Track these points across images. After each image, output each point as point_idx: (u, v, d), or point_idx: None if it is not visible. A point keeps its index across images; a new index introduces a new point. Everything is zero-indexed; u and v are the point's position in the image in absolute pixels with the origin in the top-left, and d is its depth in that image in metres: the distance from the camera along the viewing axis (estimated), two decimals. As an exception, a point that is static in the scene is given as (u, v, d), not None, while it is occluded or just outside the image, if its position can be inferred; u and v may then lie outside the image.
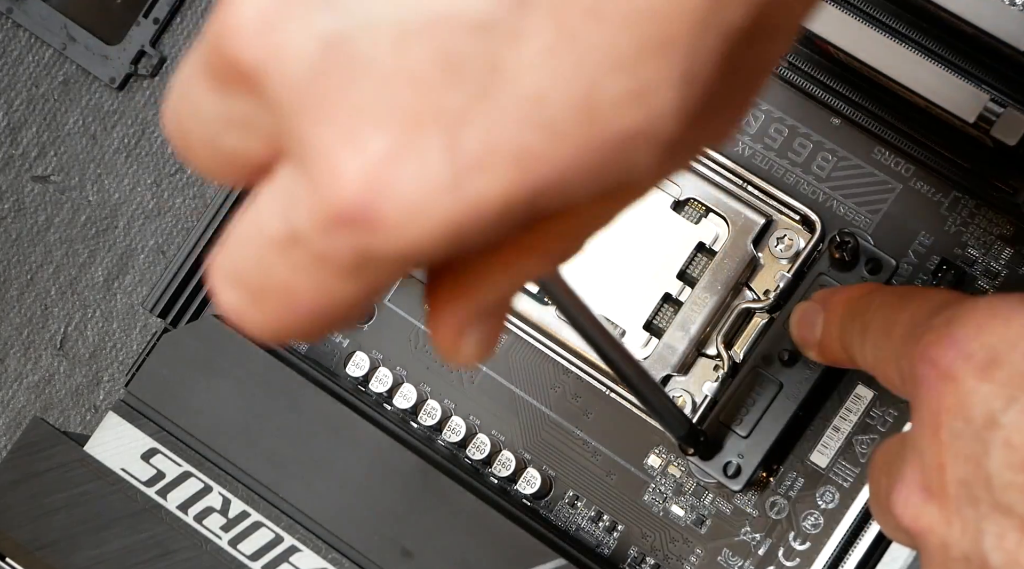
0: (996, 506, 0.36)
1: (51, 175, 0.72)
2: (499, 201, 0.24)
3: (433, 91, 0.24)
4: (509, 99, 0.24)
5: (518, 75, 0.24)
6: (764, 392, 0.50)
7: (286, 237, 0.26)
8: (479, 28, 0.24)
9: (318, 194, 0.25)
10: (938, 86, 0.48)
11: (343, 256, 0.25)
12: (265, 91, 0.25)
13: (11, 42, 0.73)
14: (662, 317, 0.52)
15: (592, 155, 0.24)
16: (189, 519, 0.52)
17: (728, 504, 0.51)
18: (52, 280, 0.71)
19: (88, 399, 0.70)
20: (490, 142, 0.24)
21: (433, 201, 0.24)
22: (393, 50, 0.24)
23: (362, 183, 0.24)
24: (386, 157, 0.24)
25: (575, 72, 0.24)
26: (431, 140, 0.24)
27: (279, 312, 0.27)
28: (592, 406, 0.53)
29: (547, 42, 0.24)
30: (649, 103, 0.24)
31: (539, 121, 0.24)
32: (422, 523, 0.51)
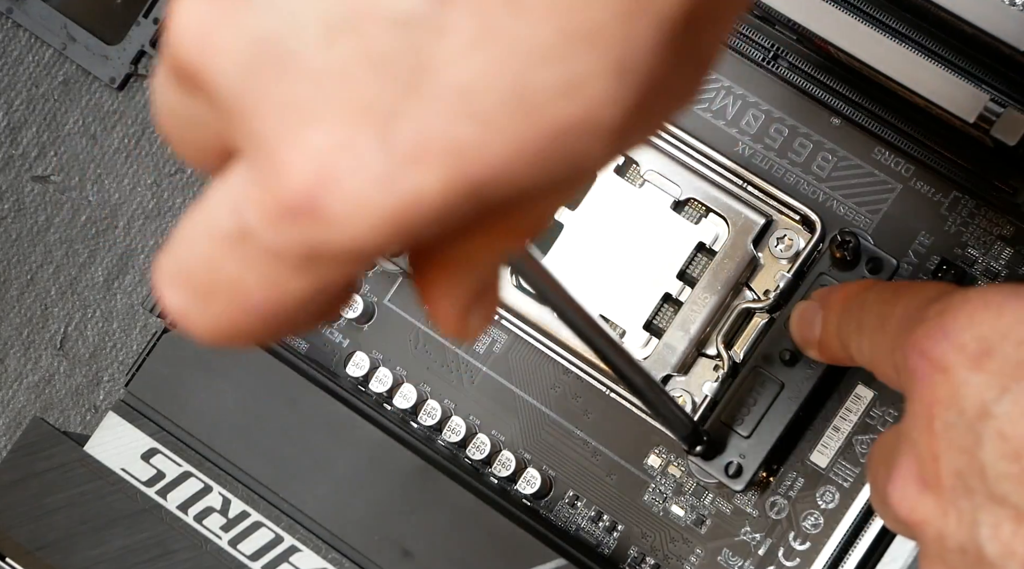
0: (990, 496, 0.36)
1: (51, 175, 0.72)
2: (439, 195, 0.24)
3: (362, 86, 0.24)
4: (437, 92, 0.24)
5: (444, 69, 0.24)
6: (765, 392, 0.50)
7: (235, 232, 0.26)
8: (402, 23, 0.24)
9: (265, 188, 0.25)
10: (938, 86, 0.48)
11: (292, 249, 0.25)
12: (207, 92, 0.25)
13: (11, 42, 0.73)
14: (662, 317, 0.52)
15: (531, 147, 0.24)
16: (189, 519, 0.52)
17: (728, 504, 0.51)
18: (52, 280, 0.71)
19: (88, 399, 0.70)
20: (422, 136, 0.24)
21: (373, 195, 0.24)
22: (320, 48, 0.24)
23: (306, 176, 0.24)
24: (326, 152, 0.24)
25: (501, 65, 0.24)
26: (366, 135, 0.24)
27: (228, 311, 0.27)
28: (592, 406, 0.53)
29: (470, 35, 0.24)
30: (584, 94, 0.24)
31: (469, 114, 0.24)
32: (422, 523, 0.51)
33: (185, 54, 0.25)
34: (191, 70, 0.25)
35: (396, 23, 0.24)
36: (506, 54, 0.24)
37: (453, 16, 0.24)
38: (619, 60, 0.24)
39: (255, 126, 0.25)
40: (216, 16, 0.25)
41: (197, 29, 0.25)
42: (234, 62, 0.25)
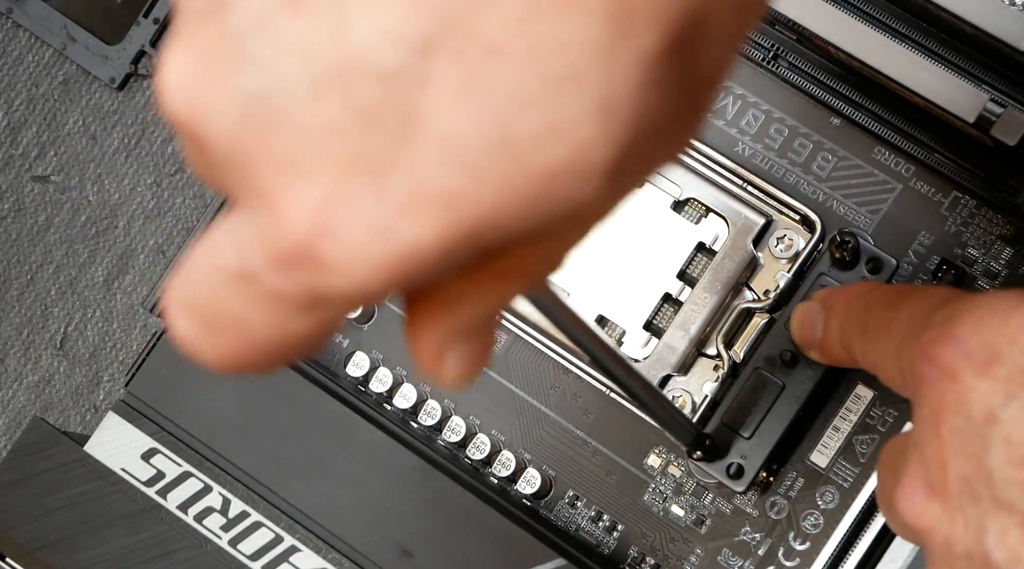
0: (997, 503, 0.36)
1: (51, 175, 0.72)
2: (434, 242, 0.25)
3: (353, 139, 0.24)
4: (425, 142, 0.24)
5: (431, 119, 0.24)
6: (766, 393, 0.50)
7: (239, 272, 0.26)
8: (386, 77, 0.24)
9: (265, 237, 0.25)
10: (938, 86, 0.48)
11: (294, 294, 0.26)
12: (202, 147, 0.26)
13: (11, 42, 0.73)
14: (662, 317, 0.52)
15: (521, 192, 0.25)
16: (189, 519, 0.52)
17: (728, 504, 0.51)
18: (52, 280, 0.71)
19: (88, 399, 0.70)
20: (414, 185, 0.24)
21: (370, 244, 0.25)
22: (308, 104, 0.24)
23: (303, 228, 0.25)
24: (322, 203, 0.25)
25: (485, 112, 0.24)
26: (360, 186, 0.25)
27: (233, 344, 0.27)
28: (592, 406, 0.53)
29: (454, 85, 0.24)
30: (569, 137, 0.24)
31: (458, 162, 0.24)
32: (422, 523, 0.51)
33: (176, 112, 0.26)
34: (184, 127, 0.26)
35: (381, 77, 0.24)
36: (489, 102, 0.24)
37: (436, 67, 0.24)
38: (603, 100, 0.24)
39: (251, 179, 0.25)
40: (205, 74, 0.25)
41: (187, 87, 0.25)
42: (225, 119, 0.25)
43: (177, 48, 0.26)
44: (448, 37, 0.24)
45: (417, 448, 0.52)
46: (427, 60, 0.24)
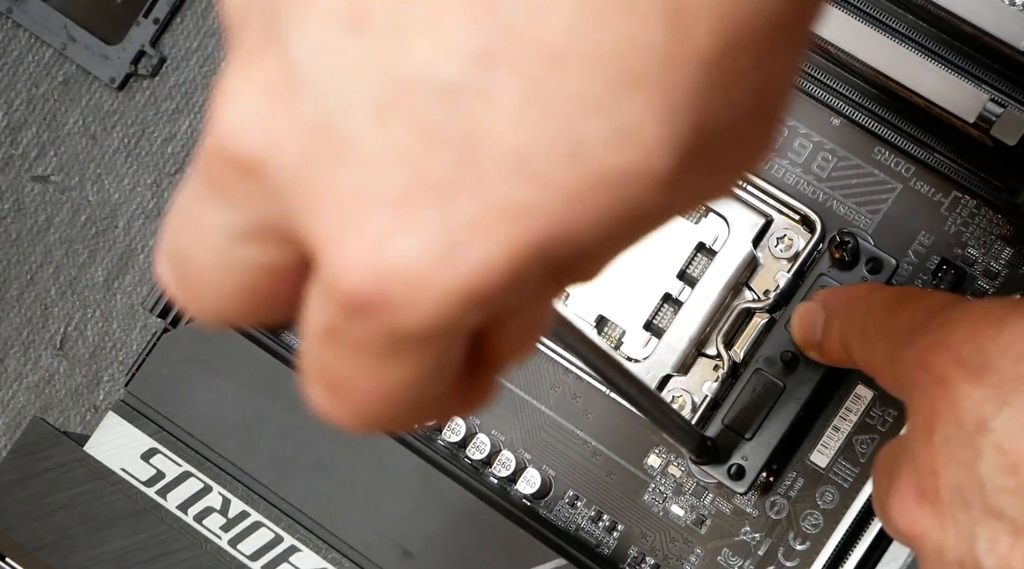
0: (988, 510, 0.36)
1: (51, 175, 0.72)
2: (504, 261, 0.24)
3: (418, 162, 0.24)
4: (492, 158, 0.24)
5: (496, 133, 0.24)
6: (766, 394, 0.50)
7: (326, 331, 0.26)
8: (448, 93, 0.24)
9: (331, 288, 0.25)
10: (938, 86, 0.48)
11: (373, 340, 0.25)
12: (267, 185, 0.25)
13: (11, 42, 0.73)
14: (662, 317, 0.52)
15: (589, 199, 0.24)
16: (189, 519, 0.52)
17: (728, 504, 0.51)
18: (52, 280, 0.71)
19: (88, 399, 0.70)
20: (483, 204, 0.24)
21: (435, 271, 0.24)
22: (373, 128, 0.24)
23: (365, 269, 0.24)
24: (383, 237, 0.24)
25: (551, 121, 0.24)
26: (425, 212, 0.24)
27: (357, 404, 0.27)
28: (592, 406, 0.53)
29: (517, 96, 0.24)
30: (636, 141, 0.24)
31: (527, 175, 0.24)
32: (422, 523, 0.51)
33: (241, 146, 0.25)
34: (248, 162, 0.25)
35: (443, 93, 0.24)
36: (554, 111, 0.24)
37: (497, 79, 0.24)
38: (666, 104, 0.24)
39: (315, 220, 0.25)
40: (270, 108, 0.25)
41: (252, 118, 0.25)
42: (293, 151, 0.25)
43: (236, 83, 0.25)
44: (507, 47, 0.24)
45: (417, 448, 0.52)
46: (488, 72, 0.24)
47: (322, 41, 0.24)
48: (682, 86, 0.24)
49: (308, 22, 0.24)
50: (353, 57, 0.24)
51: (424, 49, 0.24)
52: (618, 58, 0.24)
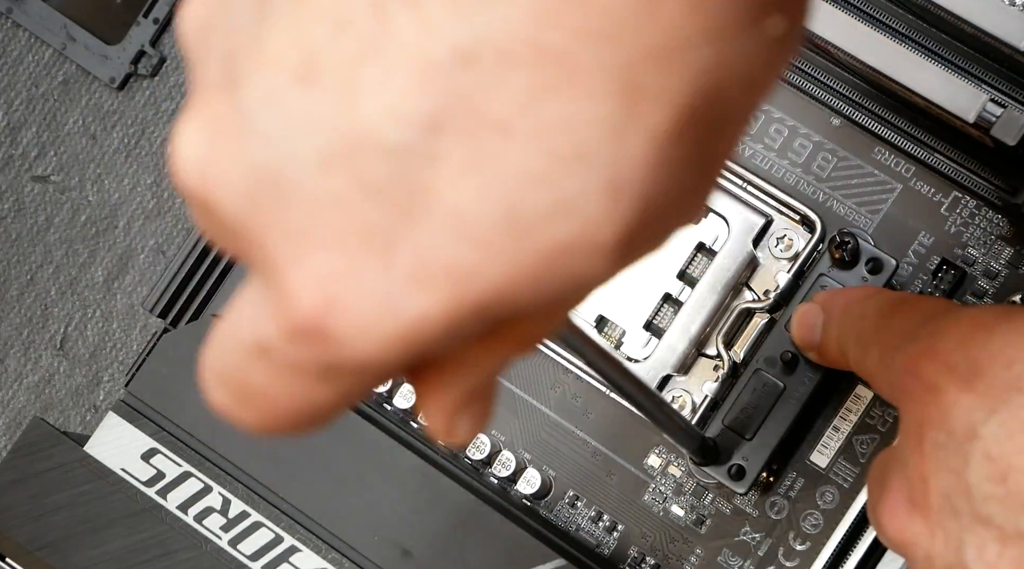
0: (977, 518, 0.36)
1: (51, 175, 0.72)
2: (441, 315, 0.25)
3: (360, 213, 0.24)
4: (433, 217, 0.24)
5: (438, 194, 0.24)
6: (767, 394, 0.50)
7: (257, 345, 0.26)
8: (394, 152, 0.24)
9: (276, 310, 0.26)
10: (938, 86, 0.48)
11: (309, 365, 0.26)
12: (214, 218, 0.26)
13: (11, 42, 0.73)
14: (662, 317, 0.52)
15: (529, 268, 0.25)
16: (189, 519, 0.52)
17: (728, 504, 0.51)
18: (52, 280, 0.71)
19: (88, 399, 0.70)
20: (421, 260, 0.24)
21: (377, 318, 0.25)
22: (316, 177, 0.25)
23: (311, 303, 0.25)
24: (329, 277, 0.25)
25: (493, 189, 0.24)
26: (367, 260, 0.25)
27: (263, 412, 0.27)
28: (592, 406, 0.53)
29: (462, 162, 0.24)
30: (577, 215, 0.24)
31: (466, 238, 0.24)
32: (422, 523, 0.51)
33: (188, 184, 0.26)
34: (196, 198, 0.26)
35: (389, 152, 0.24)
36: (497, 178, 0.24)
37: (444, 144, 0.24)
38: (611, 179, 0.24)
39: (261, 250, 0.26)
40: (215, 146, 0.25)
41: (197, 160, 0.26)
42: (234, 191, 0.25)
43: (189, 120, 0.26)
44: (456, 115, 0.24)
45: (417, 448, 0.52)
46: (435, 137, 0.24)
47: (272, 88, 0.25)
48: (629, 162, 0.24)
49: (261, 69, 0.25)
50: (301, 107, 0.25)
51: (373, 109, 0.24)
52: (565, 133, 0.24)
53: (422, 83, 0.24)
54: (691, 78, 0.24)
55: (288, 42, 0.25)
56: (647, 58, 0.24)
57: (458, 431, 0.29)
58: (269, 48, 0.25)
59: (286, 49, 0.25)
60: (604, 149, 0.24)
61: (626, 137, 0.24)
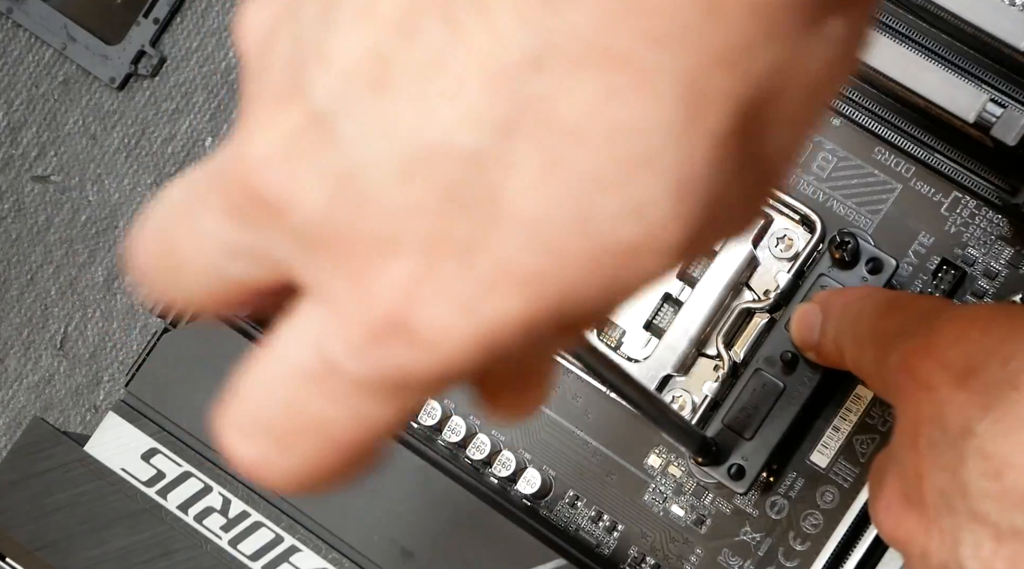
0: (972, 515, 0.37)
1: (51, 175, 0.72)
2: (519, 319, 0.25)
3: (440, 220, 0.25)
4: (509, 224, 0.25)
5: (515, 201, 0.25)
6: (767, 394, 0.50)
7: (320, 368, 0.26)
8: (472, 159, 0.25)
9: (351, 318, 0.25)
10: (938, 86, 0.48)
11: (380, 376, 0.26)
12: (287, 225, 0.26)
13: (11, 42, 0.73)
14: (662, 317, 0.52)
15: (600, 270, 0.25)
16: (189, 519, 0.52)
17: (728, 504, 0.51)
18: (52, 280, 0.71)
19: (88, 399, 0.70)
20: (499, 266, 0.25)
21: (457, 320, 0.25)
22: (397, 185, 0.25)
23: (393, 303, 0.25)
24: (410, 281, 0.25)
25: (566, 194, 0.25)
26: (447, 266, 0.25)
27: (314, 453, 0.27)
28: (592, 406, 0.53)
29: (536, 167, 0.25)
30: (647, 217, 0.25)
31: (542, 244, 0.25)
32: (422, 523, 0.51)
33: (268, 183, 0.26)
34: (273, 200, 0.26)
35: (466, 159, 0.24)
36: (570, 184, 0.25)
37: (519, 149, 0.24)
38: (678, 180, 0.25)
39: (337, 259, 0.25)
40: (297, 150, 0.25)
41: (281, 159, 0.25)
42: (318, 196, 0.25)
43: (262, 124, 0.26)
44: (527, 120, 0.24)
45: (417, 448, 0.52)
46: (509, 142, 0.24)
47: (345, 95, 0.25)
48: (692, 165, 0.25)
49: (332, 76, 0.25)
50: (377, 115, 0.25)
51: (448, 115, 0.24)
52: (633, 136, 0.24)
53: (494, 89, 0.24)
54: (751, 81, 0.25)
55: (358, 50, 0.25)
56: (709, 61, 0.24)
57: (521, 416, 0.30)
58: (339, 56, 0.25)
59: (356, 56, 0.25)
60: (670, 151, 0.25)
61: (690, 139, 0.25)
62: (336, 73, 0.25)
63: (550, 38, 0.24)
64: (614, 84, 0.24)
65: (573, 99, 0.24)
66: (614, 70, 0.24)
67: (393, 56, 0.25)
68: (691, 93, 0.24)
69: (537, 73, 0.24)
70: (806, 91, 0.26)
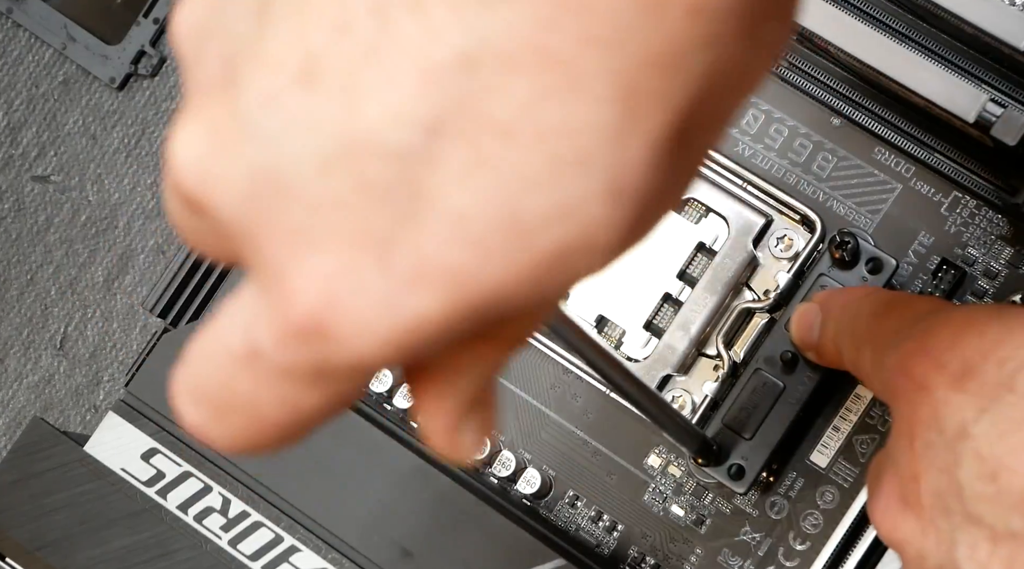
0: (968, 517, 0.37)
1: (51, 175, 0.72)
2: (438, 316, 0.25)
3: (359, 214, 0.25)
4: (433, 219, 0.24)
5: (439, 196, 0.24)
6: (766, 394, 0.50)
7: (247, 352, 0.26)
8: (395, 155, 0.24)
9: (273, 310, 0.26)
10: (938, 86, 0.48)
11: (302, 367, 0.26)
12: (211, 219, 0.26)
13: (11, 42, 0.73)
14: (662, 317, 0.52)
15: (527, 270, 0.25)
16: (189, 519, 0.52)
17: (728, 504, 0.51)
18: (52, 280, 0.71)
19: (88, 399, 0.70)
20: (419, 261, 0.25)
21: (375, 316, 0.25)
22: (316, 178, 0.25)
23: (311, 301, 0.25)
24: (329, 276, 0.25)
25: (494, 191, 0.24)
26: (366, 260, 0.25)
27: (245, 426, 0.27)
28: (592, 406, 0.53)
29: (462, 165, 0.24)
30: (577, 218, 0.25)
31: (466, 239, 0.24)
32: (422, 523, 0.51)
33: (187, 184, 0.26)
34: (194, 199, 0.26)
35: (390, 154, 0.24)
36: (498, 181, 0.24)
37: (444, 146, 0.24)
38: (611, 183, 0.24)
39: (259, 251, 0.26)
40: (214, 147, 0.25)
41: (197, 161, 0.26)
42: (234, 192, 0.25)
43: (187, 120, 0.26)
44: (457, 118, 0.24)
45: (417, 448, 0.52)
46: (436, 140, 0.24)
47: (272, 90, 0.25)
48: (629, 165, 0.24)
49: (260, 71, 0.25)
50: (302, 109, 0.25)
51: (374, 111, 0.24)
52: (566, 137, 0.24)
53: (424, 86, 0.24)
54: (688, 83, 0.24)
55: (289, 45, 0.25)
56: (647, 64, 0.24)
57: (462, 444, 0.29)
58: (269, 51, 0.25)
59: (287, 52, 0.25)
60: (604, 153, 0.24)
61: (625, 142, 0.24)
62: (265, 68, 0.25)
63: (485, 36, 0.24)
64: (548, 84, 0.24)
65: (505, 98, 0.24)
66: (549, 70, 0.24)
67: (324, 52, 0.24)
68: (627, 95, 0.24)
69: (470, 71, 0.24)
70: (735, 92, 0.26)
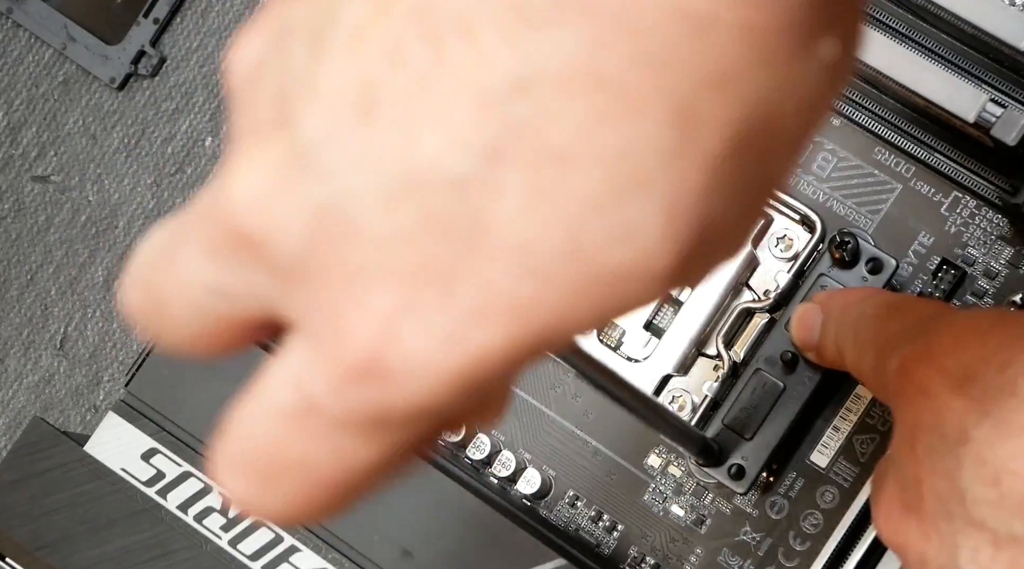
0: (970, 521, 0.37)
1: (51, 175, 0.72)
2: (502, 350, 0.25)
3: (424, 249, 0.24)
4: (496, 251, 0.24)
5: (501, 227, 0.24)
6: (767, 394, 0.50)
7: (300, 407, 0.26)
8: (457, 185, 0.24)
9: (329, 356, 0.25)
10: (938, 86, 0.48)
11: (359, 415, 0.25)
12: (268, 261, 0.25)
13: (11, 42, 0.73)
14: (662, 317, 0.52)
15: (587, 297, 0.25)
16: (189, 519, 0.52)
17: (728, 504, 0.51)
18: (52, 280, 0.71)
19: (88, 399, 0.70)
20: (485, 294, 0.24)
21: (437, 353, 0.24)
22: (381, 213, 0.24)
23: (370, 340, 0.24)
24: (390, 314, 0.24)
25: (555, 219, 0.24)
26: (429, 296, 0.24)
27: (299, 490, 0.27)
28: (592, 406, 0.53)
29: (523, 192, 0.24)
30: (635, 242, 0.24)
31: (529, 270, 0.24)
32: (422, 523, 0.51)
33: (248, 222, 0.25)
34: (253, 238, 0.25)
35: (451, 185, 0.24)
36: (558, 208, 0.24)
37: (505, 174, 0.24)
38: (669, 206, 0.24)
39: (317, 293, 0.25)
40: (279, 185, 0.25)
41: (261, 197, 0.25)
42: (299, 230, 0.25)
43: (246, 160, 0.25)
44: (514, 144, 0.24)
45: (417, 448, 0.52)
46: (494, 167, 0.24)
47: (332, 125, 0.24)
48: (686, 188, 0.24)
49: (318, 106, 0.25)
50: (362, 143, 0.24)
51: (433, 142, 0.24)
52: (624, 159, 0.24)
53: (480, 114, 0.24)
54: (743, 104, 0.24)
55: (345, 79, 0.24)
56: (700, 84, 0.24)
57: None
58: (325, 85, 0.25)
59: (343, 86, 0.24)
60: (661, 175, 0.24)
61: (681, 162, 0.24)
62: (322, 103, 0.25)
63: (536, 61, 0.24)
64: (603, 107, 0.24)
65: (561, 123, 0.24)
66: (602, 93, 0.24)
67: (380, 84, 0.24)
68: (683, 116, 0.24)
69: (524, 96, 0.24)
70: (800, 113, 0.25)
